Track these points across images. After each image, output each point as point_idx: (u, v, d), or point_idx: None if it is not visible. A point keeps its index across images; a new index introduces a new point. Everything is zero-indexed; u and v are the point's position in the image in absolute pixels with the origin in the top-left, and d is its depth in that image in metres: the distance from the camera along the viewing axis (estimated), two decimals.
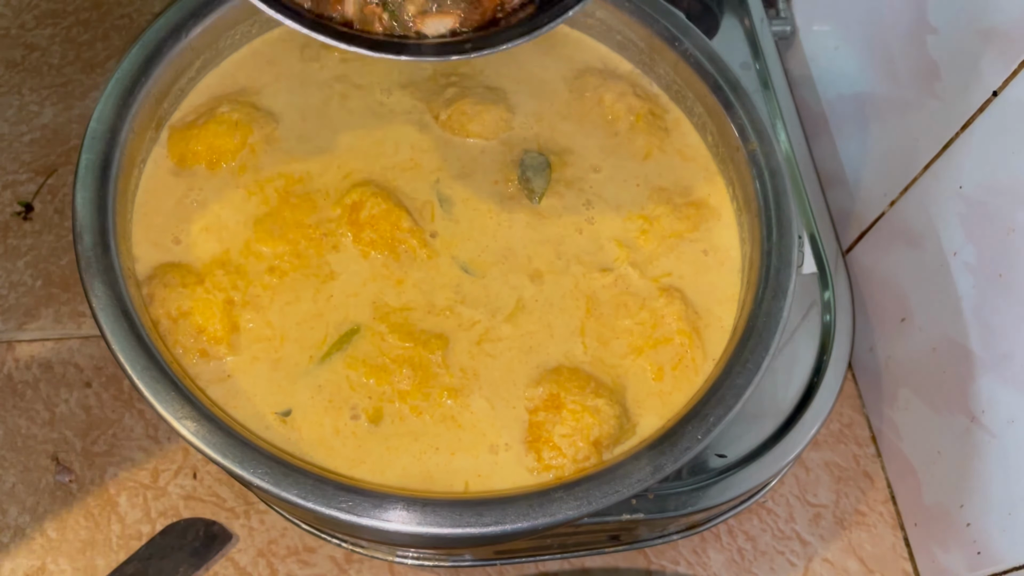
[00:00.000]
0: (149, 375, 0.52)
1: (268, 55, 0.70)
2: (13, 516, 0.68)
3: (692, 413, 0.55)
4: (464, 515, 0.51)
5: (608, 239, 0.65)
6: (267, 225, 0.62)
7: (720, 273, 0.65)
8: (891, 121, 0.72)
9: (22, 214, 0.80)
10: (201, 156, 0.64)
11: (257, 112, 0.66)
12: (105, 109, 0.60)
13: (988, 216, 0.63)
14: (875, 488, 0.75)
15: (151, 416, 0.72)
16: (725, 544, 0.72)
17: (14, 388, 0.73)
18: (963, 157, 0.65)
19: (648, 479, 0.53)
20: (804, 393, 0.68)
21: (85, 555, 0.67)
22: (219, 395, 0.57)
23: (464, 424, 0.58)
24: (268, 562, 0.68)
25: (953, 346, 0.67)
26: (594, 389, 0.58)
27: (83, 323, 0.76)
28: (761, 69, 0.82)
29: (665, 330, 0.62)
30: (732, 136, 0.66)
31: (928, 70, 0.67)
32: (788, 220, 0.62)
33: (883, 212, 0.75)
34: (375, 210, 0.63)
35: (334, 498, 0.50)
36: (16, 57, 0.88)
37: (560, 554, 0.69)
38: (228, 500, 0.70)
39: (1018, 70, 0.58)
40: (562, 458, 0.56)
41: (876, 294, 0.77)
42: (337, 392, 0.58)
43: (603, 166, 0.68)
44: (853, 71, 0.78)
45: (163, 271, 0.59)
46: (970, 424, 0.66)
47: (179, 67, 0.65)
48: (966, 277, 0.65)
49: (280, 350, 0.59)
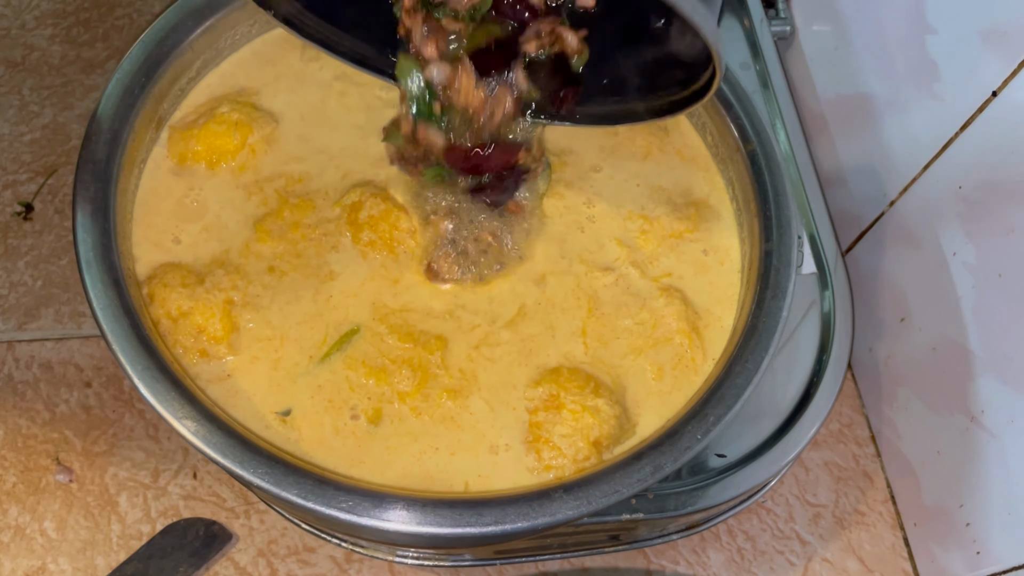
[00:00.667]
0: (149, 375, 0.52)
1: (268, 55, 0.70)
2: (13, 516, 0.68)
3: (692, 413, 0.56)
4: (464, 515, 0.51)
5: (609, 238, 0.65)
6: (267, 225, 0.62)
7: (720, 273, 0.65)
8: (891, 121, 0.73)
9: (22, 214, 0.80)
10: (201, 156, 0.64)
11: (257, 112, 0.66)
12: (105, 109, 0.60)
13: (988, 216, 0.63)
14: (874, 488, 0.76)
15: (151, 416, 0.72)
16: (725, 544, 0.72)
17: (14, 388, 0.73)
18: (963, 157, 0.65)
19: (648, 479, 0.53)
20: (804, 393, 0.68)
21: (85, 555, 0.67)
22: (219, 395, 0.57)
23: (464, 424, 0.58)
24: (268, 562, 0.68)
25: (952, 346, 0.67)
26: (594, 389, 0.58)
27: (83, 323, 0.76)
28: (760, 69, 0.82)
29: (665, 330, 0.62)
30: (732, 136, 0.66)
31: (927, 70, 0.67)
32: (788, 220, 0.62)
33: (883, 212, 0.75)
34: (374, 211, 0.63)
35: (334, 498, 0.50)
36: (16, 57, 0.88)
37: (560, 554, 0.69)
38: (228, 500, 0.70)
39: (1018, 70, 0.58)
40: (562, 458, 0.56)
41: (875, 294, 0.77)
42: (337, 392, 0.58)
43: (603, 166, 0.68)
44: (853, 71, 0.78)
45: (163, 271, 0.59)
46: (970, 424, 0.66)
47: (179, 67, 0.65)
48: (966, 277, 0.66)
49: (280, 350, 0.59)
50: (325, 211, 0.64)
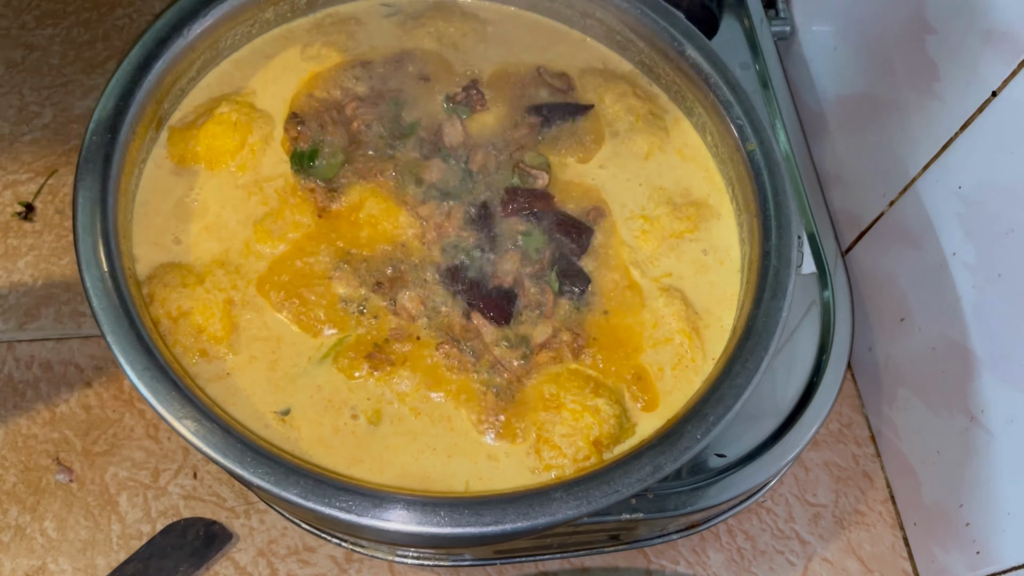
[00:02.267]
0: (149, 375, 0.52)
1: (268, 55, 0.70)
2: (13, 516, 0.68)
3: (692, 413, 0.56)
4: (464, 515, 0.51)
5: (609, 238, 0.65)
6: (267, 225, 0.62)
7: (720, 273, 0.65)
8: (890, 121, 0.73)
9: (23, 214, 0.80)
10: (201, 156, 0.64)
11: (256, 112, 0.66)
12: (105, 109, 0.60)
13: (987, 216, 0.63)
14: (874, 488, 0.76)
15: (151, 416, 0.72)
16: (724, 544, 0.72)
17: (14, 388, 0.73)
18: (962, 157, 0.65)
19: (648, 479, 0.53)
20: (803, 393, 0.68)
21: (85, 555, 0.67)
22: (218, 394, 0.57)
23: (464, 425, 0.58)
24: (268, 562, 0.68)
25: (952, 346, 0.67)
26: (594, 389, 0.58)
27: (83, 323, 0.76)
28: (760, 69, 0.82)
29: (665, 330, 0.62)
30: (731, 136, 0.66)
31: (927, 70, 0.67)
32: (787, 220, 0.62)
33: (882, 212, 0.75)
34: (374, 209, 0.63)
35: (334, 498, 0.50)
36: (16, 57, 0.88)
37: (560, 554, 0.69)
38: (228, 500, 0.70)
39: (1017, 70, 0.58)
40: (562, 458, 0.56)
41: (875, 294, 0.77)
42: (336, 392, 0.58)
43: (604, 166, 0.68)
44: (853, 71, 0.78)
45: (163, 271, 0.59)
46: (969, 424, 0.66)
47: (179, 67, 0.65)
48: (965, 277, 0.66)
49: (279, 350, 0.59)
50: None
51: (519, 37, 0.73)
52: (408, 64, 0.70)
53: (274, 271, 0.61)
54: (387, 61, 0.70)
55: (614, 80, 0.71)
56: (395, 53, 0.70)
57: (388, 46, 0.71)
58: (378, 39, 0.71)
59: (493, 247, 0.62)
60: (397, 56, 0.70)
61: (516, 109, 0.69)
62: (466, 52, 0.71)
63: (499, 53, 0.72)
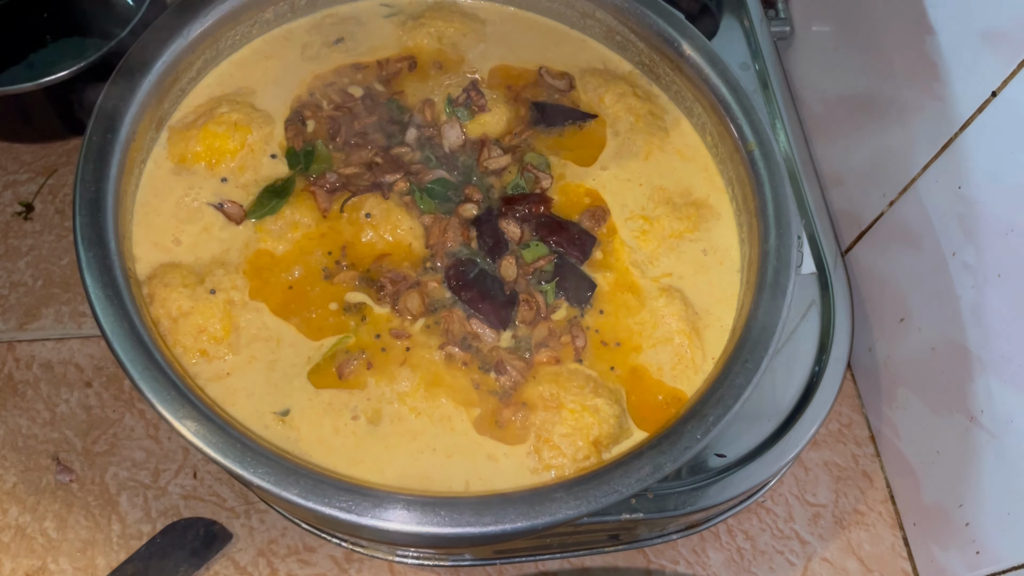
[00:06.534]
0: (149, 375, 0.52)
1: (268, 55, 0.70)
2: (14, 516, 0.68)
3: (692, 413, 0.56)
4: (464, 515, 0.51)
5: (609, 238, 0.65)
6: (267, 225, 0.62)
7: (720, 273, 0.65)
8: (890, 121, 0.73)
9: (23, 214, 0.80)
10: (201, 156, 0.64)
11: (256, 112, 0.66)
12: (105, 109, 0.60)
13: (987, 216, 0.63)
14: (874, 488, 0.76)
15: (151, 416, 0.72)
16: (724, 543, 0.72)
17: (15, 388, 0.73)
18: (962, 157, 0.65)
19: (648, 479, 0.53)
20: (803, 393, 0.68)
21: (85, 554, 0.67)
22: (218, 394, 0.57)
23: (464, 425, 0.58)
24: (268, 561, 0.68)
25: (952, 346, 0.67)
26: (593, 389, 0.58)
27: (83, 323, 0.76)
28: (760, 69, 0.82)
29: (665, 330, 0.62)
30: (731, 136, 0.66)
31: (927, 70, 0.67)
32: (787, 220, 0.62)
33: (882, 212, 0.75)
34: (374, 210, 0.63)
35: (334, 498, 0.50)
36: None
37: (560, 553, 0.69)
38: (228, 500, 0.70)
39: (1017, 70, 0.58)
40: (562, 458, 0.56)
41: (875, 294, 0.77)
42: (336, 393, 0.58)
43: (604, 166, 0.68)
44: (853, 71, 0.78)
45: (163, 271, 0.59)
46: (969, 424, 0.66)
47: (179, 67, 0.65)
48: (965, 277, 0.66)
49: (279, 351, 0.59)
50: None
51: (519, 37, 0.73)
52: (408, 65, 0.70)
53: (275, 271, 0.61)
54: (387, 62, 0.70)
55: (614, 80, 0.71)
56: (395, 53, 0.70)
57: (388, 46, 0.71)
58: (378, 39, 0.71)
59: (493, 249, 0.62)
60: (397, 56, 0.70)
61: (517, 110, 0.69)
62: (466, 52, 0.72)
63: (499, 53, 0.72)
